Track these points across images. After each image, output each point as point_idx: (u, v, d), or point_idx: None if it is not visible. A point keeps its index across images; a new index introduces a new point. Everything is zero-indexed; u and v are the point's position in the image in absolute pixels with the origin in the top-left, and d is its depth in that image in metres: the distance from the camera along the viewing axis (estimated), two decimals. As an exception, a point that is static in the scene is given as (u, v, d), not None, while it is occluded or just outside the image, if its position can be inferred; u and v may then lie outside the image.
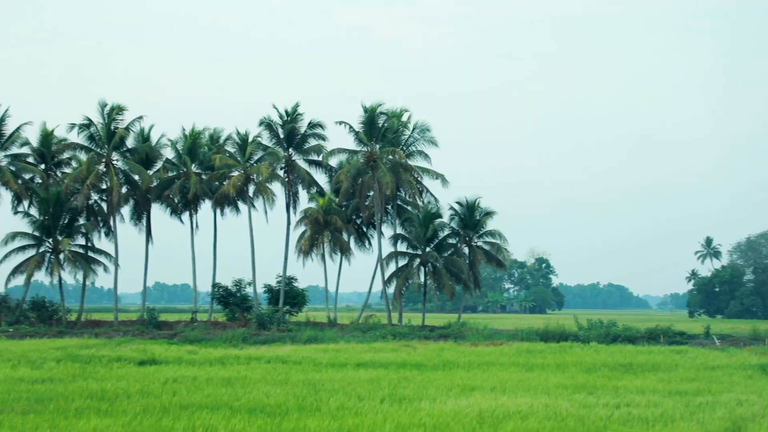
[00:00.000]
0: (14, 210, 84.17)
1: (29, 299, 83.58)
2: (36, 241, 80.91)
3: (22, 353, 49.02)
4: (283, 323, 76.68)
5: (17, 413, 27.00)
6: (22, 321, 79.74)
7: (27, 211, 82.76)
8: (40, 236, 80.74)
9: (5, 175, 79.52)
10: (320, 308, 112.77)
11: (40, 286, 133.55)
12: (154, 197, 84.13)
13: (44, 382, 35.59)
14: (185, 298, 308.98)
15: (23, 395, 31.05)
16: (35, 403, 29.32)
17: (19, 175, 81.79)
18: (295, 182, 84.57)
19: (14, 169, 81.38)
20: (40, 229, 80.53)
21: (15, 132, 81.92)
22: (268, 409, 28.25)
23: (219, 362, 45.76)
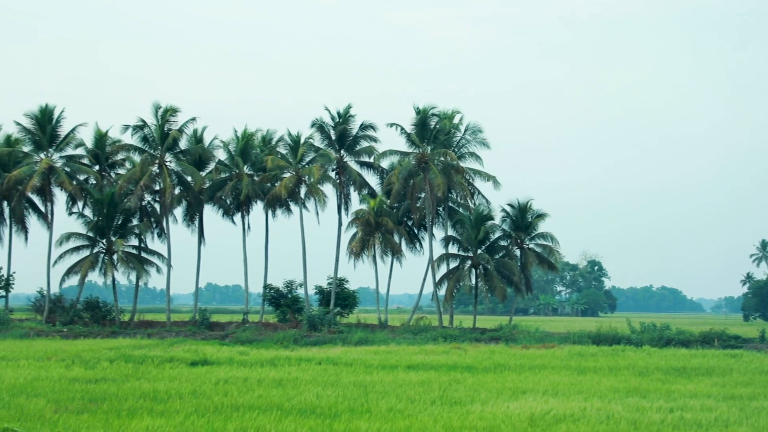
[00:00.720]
0: (69, 211, 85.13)
1: (83, 299, 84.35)
2: (90, 241, 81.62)
3: (76, 353, 49.47)
4: (333, 325, 76.77)
5: (71, 412, 27.25)
6: (76, 321, 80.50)
7: (81, 212, 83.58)
8: (94, 237, 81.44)
9: (60, 176, 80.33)
10: (371, 310, 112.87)
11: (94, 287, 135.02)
12: (207, 198, 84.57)
13: (98, 381, 35.88)
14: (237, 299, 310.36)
15: (77, 395, 31.32)
16: (89, 402, 29.56)
17: (74, 176, 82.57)
18: (346, 184, 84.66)
19: (69, 170, 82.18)
20: (94, 229, 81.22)
21: (70, 133, 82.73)
22: (319, 411, 28.28)
23: (270, 363, 45.89)
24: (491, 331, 75.88)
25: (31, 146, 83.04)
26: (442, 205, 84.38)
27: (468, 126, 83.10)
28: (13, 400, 29.57)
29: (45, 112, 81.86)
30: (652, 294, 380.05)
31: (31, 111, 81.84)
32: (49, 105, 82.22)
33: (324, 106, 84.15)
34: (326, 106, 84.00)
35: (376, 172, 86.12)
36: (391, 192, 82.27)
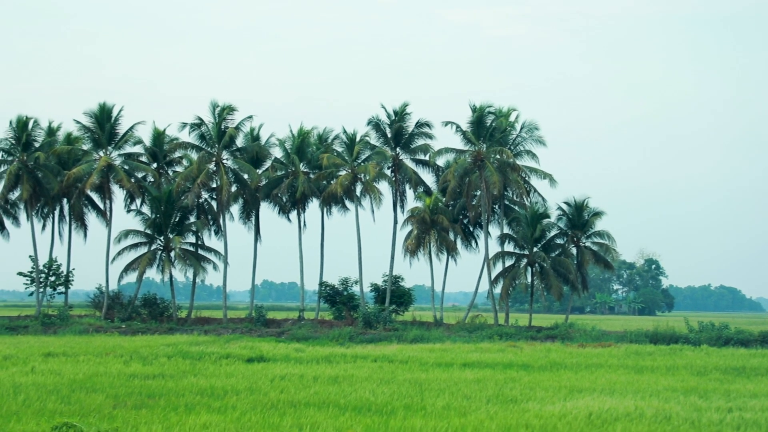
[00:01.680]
0: (127, 208, 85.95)
1: (141, 296, 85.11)
2: (148, 238, 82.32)
3: (134, 349, 49.91)
4: (389, 322, 76.82)
5: (130, 408, 27.49)
6: (134, 317, 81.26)
7: (139, 209, 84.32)
8: (152, 234, 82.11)
9: (119, 173, 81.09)
10: (426, 308, 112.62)
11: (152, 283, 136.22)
12: (263, 196, 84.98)
13: (155, 377, 36.15)
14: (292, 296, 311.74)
15: (135, 390, 31.60)
16: (147, 398, 29.81)
17: (132, 174, 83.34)
18: (402, 181, 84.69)
19: (127, 168, 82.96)
20: (152, 227, 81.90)
21: (128, 131, 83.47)
22: (375, 408, 28.30)
23: (326, 360, 46.01)
24: (547, 329, 75.56)
25: (91, 144, 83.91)
26: (498, 203, 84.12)
27: (524, 124, 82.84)
28: (73, 395, 29.90)
29: (104, 110, 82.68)
30: (710, 293, 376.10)
31: (90, 109, 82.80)
32: (108, 103, 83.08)
33: (380, 104, 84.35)
34: (383, 103, 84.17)
35: (431, 170, 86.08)
36: (447, 190, 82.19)
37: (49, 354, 46.53)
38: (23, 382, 33.17)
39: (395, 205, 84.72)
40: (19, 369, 38.20)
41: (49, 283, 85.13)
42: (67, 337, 63.89)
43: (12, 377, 34.70)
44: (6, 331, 70.41)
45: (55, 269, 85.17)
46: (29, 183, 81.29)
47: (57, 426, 22.71)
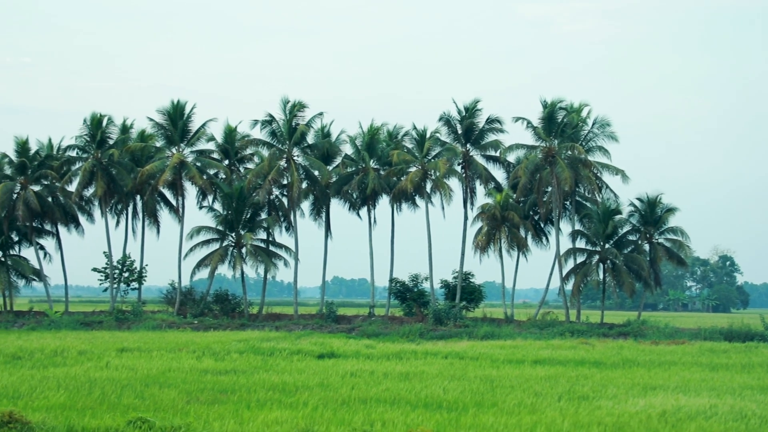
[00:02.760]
0: (199, 205, 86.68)
1: (213, 292, 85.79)
2: (220, 235, 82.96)
3: (206, 345, 50.37)
4: (459, 319, 76.63)
5: (203, 403, 27.73)
6: (206, 313, 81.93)
7: (211, 206, 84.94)
8: (224, 230, 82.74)
9: (191, 170, 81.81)
10: (497, 304, 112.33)
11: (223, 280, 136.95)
12: (334, 193, 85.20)
13: (227, 373, 36.45)
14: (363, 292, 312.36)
15: (208, 386, 31.87)
16: (219, 393, 30.05)
17: (204, 171, 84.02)
18: (472, 178, 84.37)
19: (199, 165, 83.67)
20: (223, 223, 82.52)
21: (200, 128, 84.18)
22: (446, 405, 28.28)
23: (396, 357, 46.06)
24: (619, 326, 74.93)
25: (163, 141, 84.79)
26: (569, 199, 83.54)
27: (596, 119, 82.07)
28: (147, 390, 30.22)
29: (177, 107, 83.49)
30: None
31: (163, 107, 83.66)
32: (181, 101, 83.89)
33: (452, 99, 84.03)
34: (454, 99, 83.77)
35: (501, 166, 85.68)
36: (517, 186, 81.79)
37: (123, 349, 47.13)
38: (98, 377, 33.61)
39: (465, 202, 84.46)
40: (94, 364, 38.73)
41: (123, 279, 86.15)
42: (140, 333, 64.67)
43: (87, 372, 35.18)
44: (81, 327, 71.48)
45: (129, 265, 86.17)
46: (103, 180, 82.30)
47: (131, 421, 22.97)
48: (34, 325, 72.38)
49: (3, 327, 71.72)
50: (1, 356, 41.79)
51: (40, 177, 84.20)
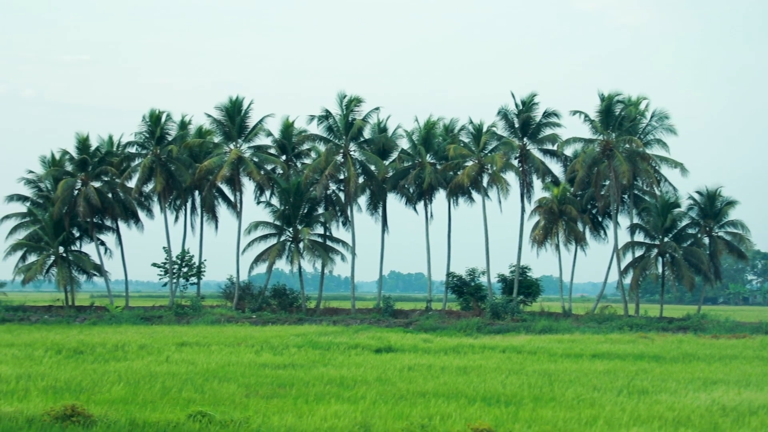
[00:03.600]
0: (257, 200, 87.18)
1: (271, 287, 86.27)
2: (277, 230, 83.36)
3: (264, 339, 50.63)
4: (517, 313, 76.45)
5: (261, 397, 27.89)
6: (264, 308, 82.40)
7: (269, 201, 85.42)
8: (281, 225, 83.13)
9: (249, 166, 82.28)
10: (554, 298, 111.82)
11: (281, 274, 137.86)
12: (390, 187, 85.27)
13: (286, 367, 36.61)
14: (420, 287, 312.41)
15: (267, 380, 32.03)
16: (278, 387, 30.19)
17: (262, 166, 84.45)
18: (529, 172, 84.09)
19: (257, 160, 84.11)
20: (281, 218, 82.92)
21: (258, 124, 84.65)
22: (504, 399, 28.22)
23: (454, 351, 46.02)
24: (679, 320, 74.34)
25: (221, 137, 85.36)
26: (627, 193, 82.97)
27: (654, 112, 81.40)
28: (206, 384, 30.45)
29: (234, 103, 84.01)
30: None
31: (221, 103, 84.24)
32: (239, 96, 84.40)
33: (510, 93, 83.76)
34: (512, 92, 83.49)
35: (559, 160, 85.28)
36: (575, 180, 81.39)
37: (183, 344, 47.51)
38: (158, 371, 33.92)
39: (522, 196, 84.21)
40: (154, 358, 39.10)
41: (182, 274, 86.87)
42: (199, 327, 65.14)
43: (148, 366, 35.52)
44: (141, 321, 72.15)
45: (188, 260, 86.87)
46: (162, 176, 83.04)
47: (192, 414, 23.15)
48: (95, 319, 73.21)
49: (65, 322, 72.59)
50: (64, 351, 42.31)
51: (101, 173, 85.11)
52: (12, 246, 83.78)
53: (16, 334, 55.64)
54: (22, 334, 55.76)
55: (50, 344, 45.56)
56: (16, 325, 69.29)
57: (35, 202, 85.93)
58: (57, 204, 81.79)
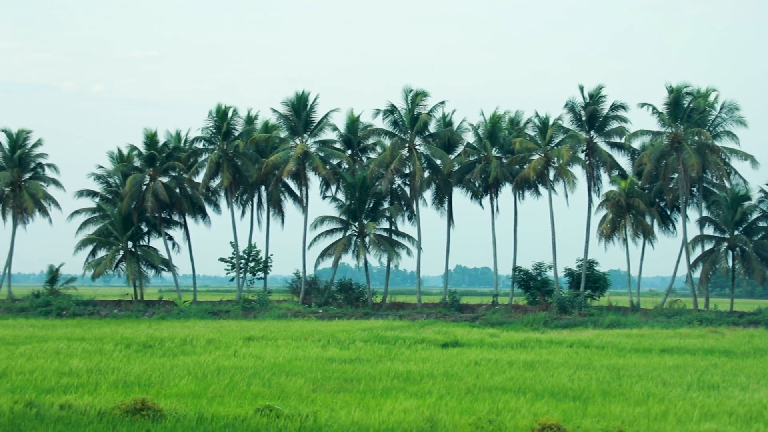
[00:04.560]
0: (323, 194, 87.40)
1: (337, 281, 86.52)
2: (343, 224, 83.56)
3: (331, 334, 50.80)
4: (584, 307, 75.93)
5: (329, 391, 27.97)
6: (331, 302, 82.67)
7: (334, 196, 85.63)
8: (347, 220, 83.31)
9: (314, 160, 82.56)
10: (621, 293, 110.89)
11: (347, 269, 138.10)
12: (455, 181, 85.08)
13: (352, 362, 36.69)
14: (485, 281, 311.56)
15: (334, 374, 32.12)
16: (345, 382, 30.26)
17: (327, 161, 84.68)
18: (596, 165, 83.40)
19: (323, 155, 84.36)
20: (346, 213, 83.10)
21: (323, 119, 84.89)
22: (572, 394, 28.05)
23: (520, 345, 45.85)
24: (750, 314, 73.36)
25: (287, 132, 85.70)
26: (696, 186, 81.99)
27: (724, 104, 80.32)
28: (274, 378, 30.60)
29: (300, 98, 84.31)
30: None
31: (287, 98, 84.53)
32: (305, 91, 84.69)
33: (579, 85, 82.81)
34: (580, 85, 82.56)
35: (626, 153, 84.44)
36: (642, 173, 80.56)
37: (250, 338, 47.82)
38: (226, 365, 34.16)
39: (589, 189, 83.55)
40: (222, 353, 39.38)
41: (249, 269, 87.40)
42: (266, 322, 65.56)
43: (216, 361, 35.78)
44: (209, 316, 72.80)
45: (255, 255, 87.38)
46: (229, 171, 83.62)
47: (259, 408, 23.27)
48: (163, 314, 74.02)
49: (134, 316, 73.49)
50: (133, 345, 42.79)
51: (168, 168, 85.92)
52: (82, 241, 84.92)
53: (86, 328, 56.40)
54: (92, 328, 56.52)
55: (120, 338, 46.12)
56: (87, 319, 70.36)
57: (104, 197, 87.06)
58: (126, 199, 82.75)
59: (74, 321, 67.27)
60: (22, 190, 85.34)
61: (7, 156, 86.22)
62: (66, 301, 79.34)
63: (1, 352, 38.00)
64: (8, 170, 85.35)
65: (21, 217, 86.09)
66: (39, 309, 76.14)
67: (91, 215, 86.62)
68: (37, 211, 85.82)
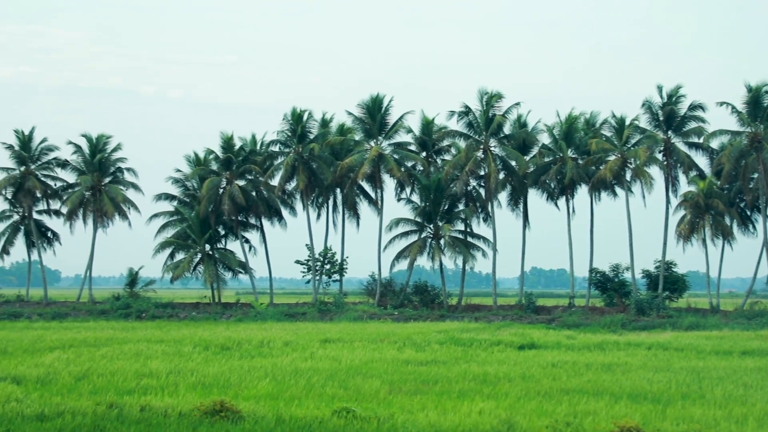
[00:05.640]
0: (397, 197, 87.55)
1: (412, 283, 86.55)
2: (418, 227, 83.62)
3: (406, 336, 50.84)
4: (662, 309, 75.16)
5: (405, 393, 27.99)
6: (406, 304, 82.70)
7: (409, 198, 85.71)
8: (422, 222, 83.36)
9: (389, 163, 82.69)
10: (700, 294, 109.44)
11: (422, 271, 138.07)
12: (531, 182, 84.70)
13: (428, 364, 36.69)
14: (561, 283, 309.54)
15: (409, 376, 32.14)
16: (421, 384, 30.27)
17: (402, 163, 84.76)
18: (673, 165, 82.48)
19: (397, 157, 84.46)
20: (421, 215, 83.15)
21: (398, 121, 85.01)
22: (651, 396, 27.81)
23: (598, 347, 45.52)
24: (833, 316, 72.07)
25: (362, 134, 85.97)
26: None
27: (805, 102, 78.95)
28: (350, 380, 30.69)
29: (375, 101, 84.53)
30: None
31: (362, 101, 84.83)
32: (380, 94, 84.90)
33: (656, 85, 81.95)
34: (658, 85, 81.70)
35: (704, 153, 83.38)
36: (721, 173, 79.53)
37: (326, 340, 48.04)
38: (303, 367, 34.34)
39: (667, 190, 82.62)
40: (299, 355, 39.60)
41: (325, 271, 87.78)
42: (342, 324, 65.78)
43: (293, 363, 35.99)
44: (285, 318, 73.29)
45: (330, 257, 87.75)
46: (304, 173, 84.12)
47: (336, 410, 23.36)
48: (241, 316, 74.66)
49: (212, 318, 74.22)
50: (211, 347, 43.19)
51: (245, 172, 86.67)
52: (161, 244, 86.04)
53: (165, 330, 57.11)
54: (171, 330, 57.21)
55: (198, 340, 46.60)
56: (166, 321, 71.24)
57: (182, 201, 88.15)
58: (203, 202, 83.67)
59: (153, 323, 68.14)
60: (102, 194, 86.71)
61: (87, 160, 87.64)
62: (145, 303, 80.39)
63: (83, 354, 38.59)
64: (89, 174, 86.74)
65: (101, 220, 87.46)
66: (119, 311, 77.24)
67: (169, 218, 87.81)
68: (116, 214, 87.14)
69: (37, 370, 31.99)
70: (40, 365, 33.91)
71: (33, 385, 28.82)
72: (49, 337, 48.76)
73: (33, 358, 37.28)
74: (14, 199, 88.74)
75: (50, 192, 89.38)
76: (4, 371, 31.60)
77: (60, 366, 33.52)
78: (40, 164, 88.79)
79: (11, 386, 27.82)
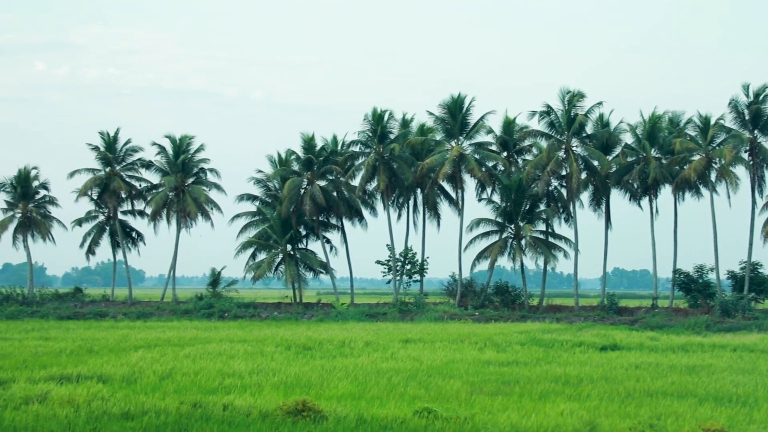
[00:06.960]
0: (478, 197, 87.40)
1: (493, 284, 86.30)
2: (498, 227, 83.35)
3: (487, 336, 50.72)
4: (748, 311, 74.09)
5: (486, 394, 27.92)
6: (487, 305, 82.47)
7: (490, 198, 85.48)
8: (503, 222, 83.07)
9: (470, 163, 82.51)
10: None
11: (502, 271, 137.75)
12: (613, 183, 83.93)
13: (509, 365, 36.55)
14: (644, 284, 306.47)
15: (490, 377, 32.06)
16: (502, 385, 30.16)
17: (483, 163, 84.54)
18: (760, 165, 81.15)
19: (478, 157, 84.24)
20: (502, 215, 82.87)
21: (479, 121, 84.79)
22: (736, 399, 27.43)
23: (681, 349, 44.99)
24: None
25: (443, 134, 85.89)
26: None
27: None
28: (431, 380, 30.70)
29: (456, 101, 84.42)
30: None
31: (443, 101, 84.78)
32: (461, 94, 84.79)
33: (742, 84, 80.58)
34: (744, 83, 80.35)
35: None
36: (810, 172, 78.16)
37: (407, 340, 48.08)
38: (384, 367, 34.40)
39: (753, 190, 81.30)
40: (380, 355, 39.67)
41: (405, 272, 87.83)
42: (423, 324, 65.81)
43: (374, 363, 36.07)
44: (366, 318, 73.50)
45: (411, 258, 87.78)
46: (385, 174, 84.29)
47: (418, 410, 23.38)
48: (322, 316, 75.06)
49: (293, 318, 74.71)
50: (293, 347, 43.46)
51: (326, 172, 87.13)
52: (242, 244, 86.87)
53: (247, 330, 57.63)
54: (253, 330, 57.72)
55: (280, 340, 46.94)
56: (248, 321, 71.91)
57: (264, 201, 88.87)
58: (284, 203, 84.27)
59: (236, 323, 68.82)
60: (185, 195, 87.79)
61: (171, 161, 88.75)
62: (228, 303, 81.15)
63: (167, 354, 39.07)
64: (172, 175, 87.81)
65: (184, 221, 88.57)
66: (202, 311, 78.10)
67: (251, 219, 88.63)
68: (199, 214, 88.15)
69: (123, 369, 32.47)
70: (126, 364, 34.41)
71: (119, 384, 29.27)
72: (134, 337, 49.50)
73: (118, 357, 37.84)
74: (100, 200, 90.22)
75: (135, 192, 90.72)
76: (91, 370, 32.11)
77: (145, 365, 33.99)
78: (125, 165, 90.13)
79: (98, 385, 28.29)
